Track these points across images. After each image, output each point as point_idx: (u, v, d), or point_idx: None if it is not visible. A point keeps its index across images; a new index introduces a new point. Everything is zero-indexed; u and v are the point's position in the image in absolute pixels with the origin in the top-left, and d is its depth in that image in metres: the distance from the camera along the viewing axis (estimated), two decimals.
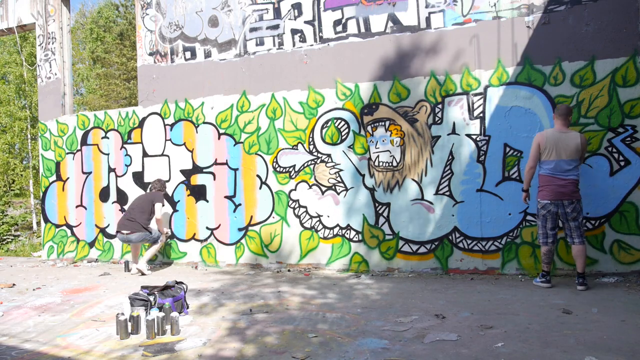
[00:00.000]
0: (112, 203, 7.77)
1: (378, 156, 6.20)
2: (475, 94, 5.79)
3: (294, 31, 6.66)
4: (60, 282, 6.18)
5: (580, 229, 4.80)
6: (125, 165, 7.68)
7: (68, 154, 8.15)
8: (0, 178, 17.00)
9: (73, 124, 8.14)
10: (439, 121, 5.93)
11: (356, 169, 6.30)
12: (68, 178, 8.15)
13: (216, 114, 7.08)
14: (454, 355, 3.07)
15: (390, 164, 6.15)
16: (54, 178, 8.27)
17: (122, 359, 3.23)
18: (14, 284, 6.08)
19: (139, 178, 7.58)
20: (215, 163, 7.07)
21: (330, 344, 3.36)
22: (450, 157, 5.88)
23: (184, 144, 7.27)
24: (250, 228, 6.85)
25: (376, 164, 6.21)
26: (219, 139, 7.05)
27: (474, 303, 4.41)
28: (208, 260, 7.09)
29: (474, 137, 5.79)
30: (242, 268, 6.83)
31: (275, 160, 6.71)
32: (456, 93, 5.87)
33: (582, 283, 4.74)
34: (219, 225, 7.04)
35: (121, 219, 6.74)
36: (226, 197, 6.99)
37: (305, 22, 6.60)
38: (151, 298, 3.97)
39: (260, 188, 6.80)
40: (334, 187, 6.41)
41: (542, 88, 5.52)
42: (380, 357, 3.08)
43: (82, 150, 8.04)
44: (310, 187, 6.53)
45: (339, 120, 6.39)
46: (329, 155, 6.43)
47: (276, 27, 6.76)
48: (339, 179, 6.39)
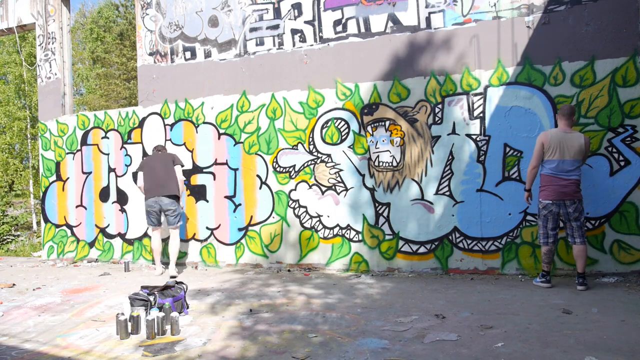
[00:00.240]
0: (112, 203, 7.77)
1: (378, 156, 6.20)
2: (475, 94, 5.79)
3: (294, 31, 6.66)
4: (60, 282, 6.18)
5: (582, 229, 4.81)
6: (125, 165, 7.68)
7: (68, 154, 8.15)
8: (0, 178, 17.00)
9: (73, 124, 8.14)
10: (439, 121, 5.94)
11: (356, 169, 6.30)
12: (68, 178, 8.15)
13: (216, 114, 7.08)
14: (454, 355, 3.07)
15: (390, 164, 6.15)
16: (54, 178, 8.27)
17: (122, 359, 3.23)
18: (14, 284, 6.08)
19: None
20: (215, 163, 7.07)
21: (331, 344, 3.36)
22: (450, 157, 5.88)
23: (184, 144, 7.27)
24: (250, 228, 6.85)
25: (376, 164, 6.21)
26: (219, 139, 7.05)
27: (474, 303, 4.41)
28: (208, 261, 7.09)
29: (474, 137, 5.79)
30: (242, 268, 6.83)
31: (275, 160, 6.71)
32: (456, 93, 5.87)
33: (582, 283, 4.74)
34: (219, 225, 7.04)
35: (150, 184, 6.29)
36: (226, 197, 6.99)
37: (305, 22, 6.60)
38: (151, 298, 3.97)
39: (260, 188, 6.80)
40: (334, 187, 6.41)
41: (542, 88, 5.52)
42: (380, 357, 3.08)
43: (82, 150, 8.04)
44: (310, 187, 6.53)
45: (339, 120, 6.39)
46: (329, 155, 6.43)
47: (276, 27, 6.76)
48: (339, 179, 6.39)
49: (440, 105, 5.93)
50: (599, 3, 5.33)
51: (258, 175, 6.81)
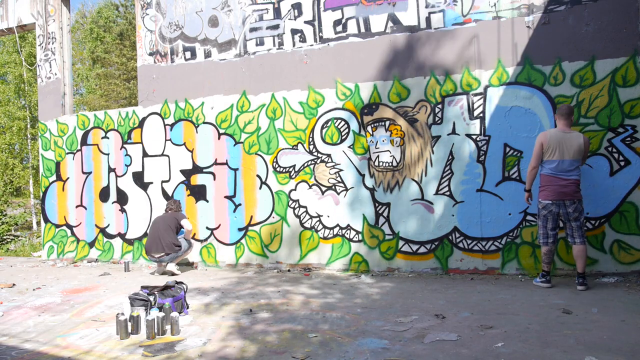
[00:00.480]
0: (112, 203, 7.77)
1: (378, 156, 6.20)
2: (475, 94, 5.79)
3: (294, 31, 6.66)
4: (60, 282, 6.17)
5: (582, 229, 4.81)
6: (125, 165, 7.68)
7: (68, 154, 8.15)
8: (0, 178, 17.00)
9: (73, 124, 8.14)
10: (439, 121, 5.93)
11: (356, 169, 6.30)
12: (68, 178, 8.15)
13: (216, 114, 7.08)
14: (454, 355, 3.07)
15: (390, 164, 6.15)
16: (54, 178, 8.27)
17: (122, 359, 3.23)
18: (14, 284, 6.08)
19: (139, 178, 7.58)
20: (215, 163, 7.07)
21: (330, 344, 3.36)
22: (450, 157, 5.88)
23: (184, 144, 7.27)
24: (250, 228, 6.85)
25: (376, 164, 6.21)
26: (219, 139, 7.05)
27: (474, 303, 4.41)
28: (208, 260, 7.09)
29: (474, 137, 5.79)
30: (242, 268, 6.83)
31: (275, 160, 6.71)
32: (456, 93, 5.87)
33: (582, 283, 4.74)
34: (219, 225, 7.04)
35: (149, 241, 6.57)
36: (226, 197, 6.99)
37: (305, 22, 6.60)
38: (151, 298, 3.97)
39: (260, 188, 6.80)
40: (334, 187, 6.41)
41: (542, 88, 5.52)
42: (380, 357, 3.08)
43: (82, 150, 8.04)
44: (310, 187, 6.53)
45: (339, 120, 6.39)
46: (329, 155, 6.43)
47: (276, 27, 6.76)
48: (339, 179, 6.39)
49: (440, 105, 5.93)
50: (599, 3, 5.33)
51: (258, 175, 6.81)
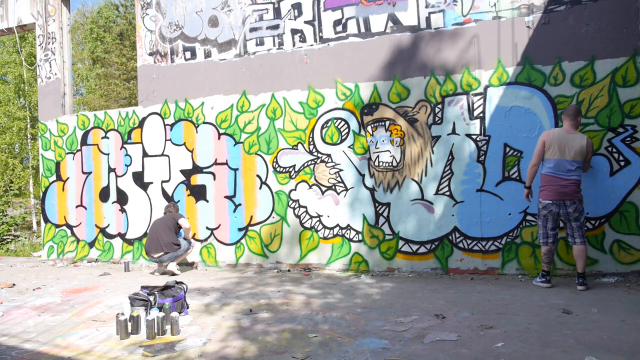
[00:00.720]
0: (112, 203, 7.77)
1: (378, 156, 6.20)
2: (475, 94, 5.79)
3: (294, 31, 6.66)
4: (60, 282, 6.18)
5: (582, 229, 4.81)
6: (125, 165, 7.68)
7: (68, 154, 8.15)
8: (0, 178, 16.99)
9: (73, 124, 8.14)
10: (439, 121, 5.93)
11: (356, 169, 6.30)
12: (68, 178, 8.15)
13: (216, 114, 7.08)
14: (454, 355, 3.07)
15: (390, 164, 6.15)
16: (54, 178, 8.27)
17: (122, 359, 3.23)
18: (14, 284, 6.08)
19: (139, 178, 7.58)
20: (215, 163, 7.07)
21: (330, 344, 3.36)
22: (450, 157, 5.88)
23: (184, 144, 7.27)
24: (250, 228, 6.85)
25: (376, 164, 6.21)
26: (219, 139, 7.05)
27: (474, 303, 4.41)
28: (208, 260, 7.09)
29: (474, 137, 5.79)
30: (242, 268, 6.83)
31: (275, 160, 6.71)
32: (456, 93, 5.87)
33: (582, 283, 4.74)
34: (219, 225, 7.04)
35: (148, 242, 6.61)
36: (226, 197, 6.99)
37: (305, 22, 6.60)
38: (151, 298, 3.97)
39: (260, 188, 6.80)
40: (334, 187, 6.41)
41: (542, 88, 5.52)
42: (380, 357, 3.08)
43: (82, 150, 8.04)
44: (310, 187, 6.53)
45: (339, 120, 6.39)
46: (329, 155, 6.43)
47: (276, 27, 6.76)
48: (339, 179, 6.39)
49: (440, 105, 5.93)
50: (599, 3, 5.33)
51: (258, 175, 6.81)
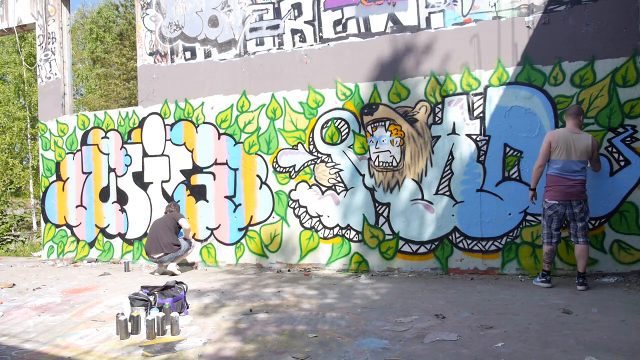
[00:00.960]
0: (112, 203, 7.77)
1: (378, 156, 6.20)
2: (475, 94, 5.79)
3: (294, 31, 6.66)
4: (60, 282, 6.17)
5: (586, 229, 4.83)
6: (125, 165, 7.68)
7: (68, 154, 8.15)
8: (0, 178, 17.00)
9: (73, 124, 8.14)
10: (439, 121, 5.93)
11: (356, 169, 6.30)
12: (68, 178, 8.15)
13: (216, 114, 7.08)
14: (454, 355, 3.07)
15: (390, 164, 6.15)
16: (54, 178, 8.27)
17: (122, 359, 3.23)
18: (14, 284, 6.08)
19: (139, 178, 7.58)
20: (215, 163, 7.07)
21: (330, 344, 3.36)
22: (450, 157, 5.88)
23: (184, 144, 7.27)
24: (250, 228, 6.85)
25: (376, 164, 6.21)
26: (219, 139, 7.05)
27: (474, 303, 4.41)
28: (208, 260, 7.09)
29: (474, 137, 5.79)
30: (242, 268, 6.83)
31: (275, 160, 6.71)
32: (456, 93, 5.87)
33: (583, 283, 4.74)
34: (219, 225, 7.04)
35: (148, 242, 6.58)
36: (226, 197, 6.99)
37: (305, 22, 6.60)
38: (151, 298, 3.97)
39: (260, 188, 6.80)
40: (334, 187, 6.41)
41: (542, 88, 5.52)
42: (380, 357, 3.08)
43: (82, 150, 8.04)
44: (310, 187, 6.53)
45: (339, 120, 6.39)
46: (329, 155, 6.43)
47: (276, 27, 6.76)
48: (338, 179, 6.39)
49: (440, 105, 5.93)
50: (599, 3, 5.33)
51: (258, 175, 6.81)
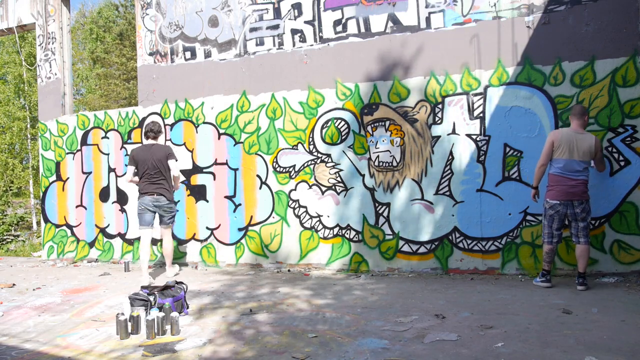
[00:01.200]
0: (112, 203, 7.77)
1: (378, 156, 6.20)
2: (475, 94, 5.79)
3: (294, 31, 6.66)
4: (60, 282, 6.18)
5: (588, 229, 4.83)
6: (125, 165, 7.67)
7: (68, 154, 8.15)
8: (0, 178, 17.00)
9: (73, 124, 8.14)
10: (439, 121, 5.93)
11: (356, 169, 6.30)
12: (68, 178, 8.15)
13: (216, 114, 7.08)
14: (454, 355, 3.08)
15: (390, 164, 6.15)
16: (54, 178, 8.27)
17: (122, 359, 3.23)
18: (14, 284, 6.08)
19: None
20: (215, 163, 7.07)
21: (330, 344, 3.36)
22: (450, 157, 5.88)
23: (184, 144, 7.27)
24: (250, 228, 6.85)
25: (376, 164, 6.21)
26: (219, 139, 7.05)
27: (474, 303, 4.41)
28: (208, 260, 7.09)
29: (474, 137, 5.79)
30: (242, 268, 6.83)
31: (275, 160, 6.71)
32: (456, 93, 5.87)
33: (583, 283, 4.74)
34: (219, 225, 7.04)
35: (144, 183, 5.93)
36: (226, 197, 6.99)
37: (305, 22, 6.60)
38: (151, 298, 3.97)
39: (260, 188, 6.80)
40: (334, 187, 6.41)
41: (542, 88, 5.52)
42: (380, 357, 3.08)
43: (82, 150, 8.04)
44: (310, 187, 6.53)
45: (339, 120, 6.39)
46: (329, 155, 6.43)
47: (276, 27, 6.76)
48: (339, 179, 6.39)
49: (440, 105, 5.93)
50: (599, 3, 5.33)
51: (258, 175, 6.81)
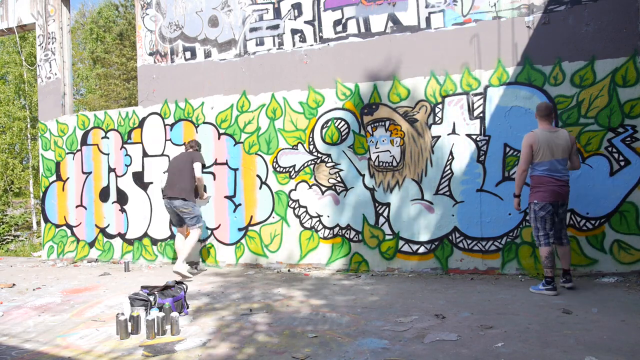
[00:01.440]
0: (112, 203, 7.77)
1: (378, 156, 6.20)
2: (475, 94, 5.79)
3: (294, 31, 6.66)
4: (60, 282, 6.17)
5: (565, 228, 4.85)
6: (125, 165, 7.68)
7: (68, 154, 8.15)
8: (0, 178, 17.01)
9: (73, 124, 8.14)
10: (439, 121, 5.93)
11: (356, 169, 6.30)
12: (68, 178, 8.15)
13: (216, 114, 7.08)
14: (454, 355, 3.07)
15: (390, 164, 6.15)
16: (54, 178, 8.27)
17: (122, 359, 3.23)
18: (14, 284, 6.08)
19: (139, 178, 7.58)
20: (215, 163, 7.07)
21: (330, 344, 3.36)
22: (450, 157, 5.88)
23: (184, 144, 7.26)
24: (250, 228, 6.85)
25: (376, 164, 6.21)
26: (219, 139, 7.05)
27: (474, 303, 4.41)
28: (208, 260, 7.09)
29: (474, 137, 5.79)
30: (242, 268, 6.83)
31: (275, 160, 6.71)
32: (456, 93, 5.87)
33: (570, 280, 4.75)
34: (219, 225, 7.04)
35: (164, 186, 6.26)
36: (226, 197, 6.99)
37: (305, 22, 6.60)
38: (151, 298, 3.97)
39: (260, 188, 6.80)
40: (334, 187, 6.41)
41: (542, 88, 5.52)
42: (380, 357, 3.08)
43: (82, 150, 8.04)
44: (310, 187, 6.53)
45: (339, 120, 6.39)
46: (329, 155, 6.43)
47: (276, 27, 6.76)
48: (338, 179, 6.39)
49: (440, 105, 5.93)
50: (599, 3, 5.33)
51: (258, 175, 6.81)
